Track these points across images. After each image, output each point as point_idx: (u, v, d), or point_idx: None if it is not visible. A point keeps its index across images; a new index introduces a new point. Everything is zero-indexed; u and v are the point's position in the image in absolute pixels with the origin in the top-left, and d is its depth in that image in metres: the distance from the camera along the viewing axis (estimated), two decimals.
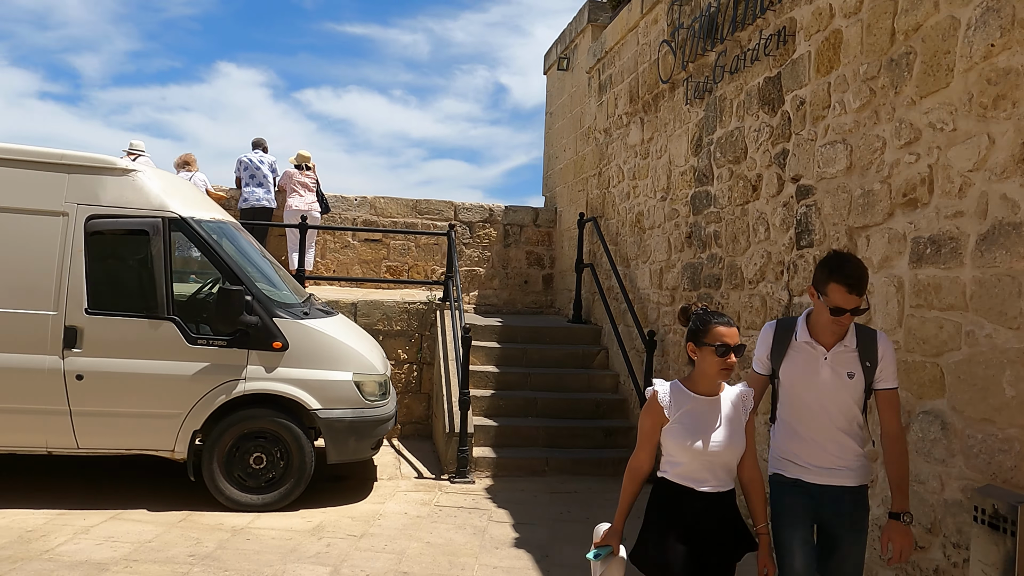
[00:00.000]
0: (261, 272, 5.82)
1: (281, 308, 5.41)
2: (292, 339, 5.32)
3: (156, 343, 5.11)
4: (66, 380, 4.99)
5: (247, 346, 5.23)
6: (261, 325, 5.23)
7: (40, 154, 5.11)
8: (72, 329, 5.00)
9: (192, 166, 9.50)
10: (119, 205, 5.14)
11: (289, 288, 6.02)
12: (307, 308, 5.71)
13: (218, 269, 5.30)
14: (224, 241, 5.47)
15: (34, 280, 4.97)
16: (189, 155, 9.56)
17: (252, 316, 5.20)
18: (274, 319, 5.29)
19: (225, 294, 5.08)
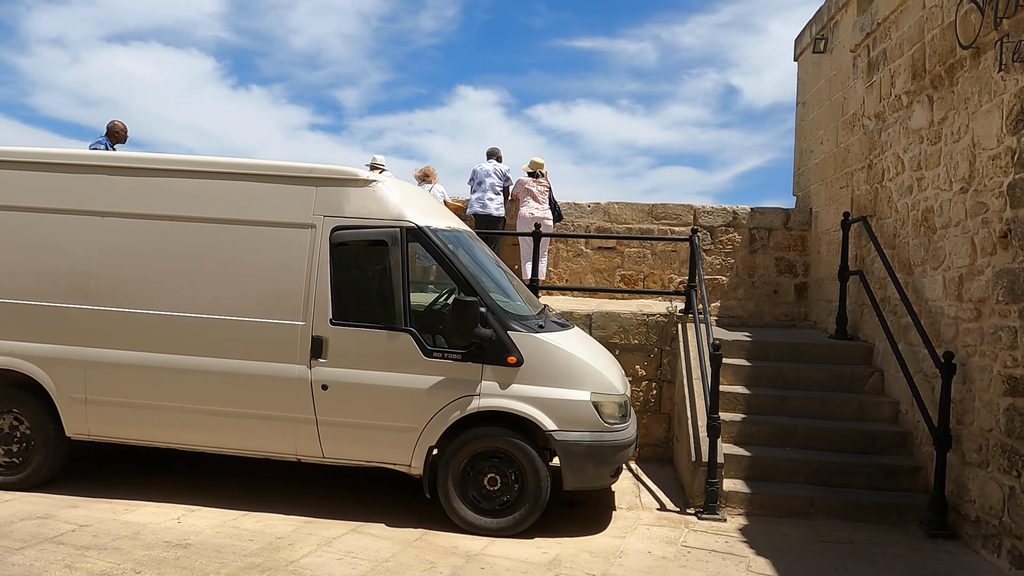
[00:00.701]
0: (496, 282, 5.57)
1: (516, 320, 5.10)
2: (527, 354, 4.98)
3: (394, 355, 5.02)
4: (313, 389, 5.06)
5: (482, 360, 4.97)
6: (496, 339, 4.95)
7: (291, 168, 5.26)
8: (318, 339, 5.06)
9: (432, 178, 9.70)
10: (360, 216, 5.14)
11: (523, 299, 5.72)
12: (542, 321, 5.36)
13: (453, 279, 5.11)
14: (459, 251, 5.29)
15: (285, 290, 5.11)
16: (429, 167, 9.78)
17: (487, 329, 4.94)
18: (509, 332, 4.99)
19: (460, 305, 4.86)
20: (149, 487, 5.53)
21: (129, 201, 5.33)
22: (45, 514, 4.88)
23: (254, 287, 5.15)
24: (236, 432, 5.17)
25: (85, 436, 5.35)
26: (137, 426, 5.28)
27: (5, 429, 5.41)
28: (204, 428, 5.20)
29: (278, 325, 5.10)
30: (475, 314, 4.86)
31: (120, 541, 4.48)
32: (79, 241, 5.32)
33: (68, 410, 5.28)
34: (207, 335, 5.15)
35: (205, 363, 5.14)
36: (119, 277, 5.26)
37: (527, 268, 9.03)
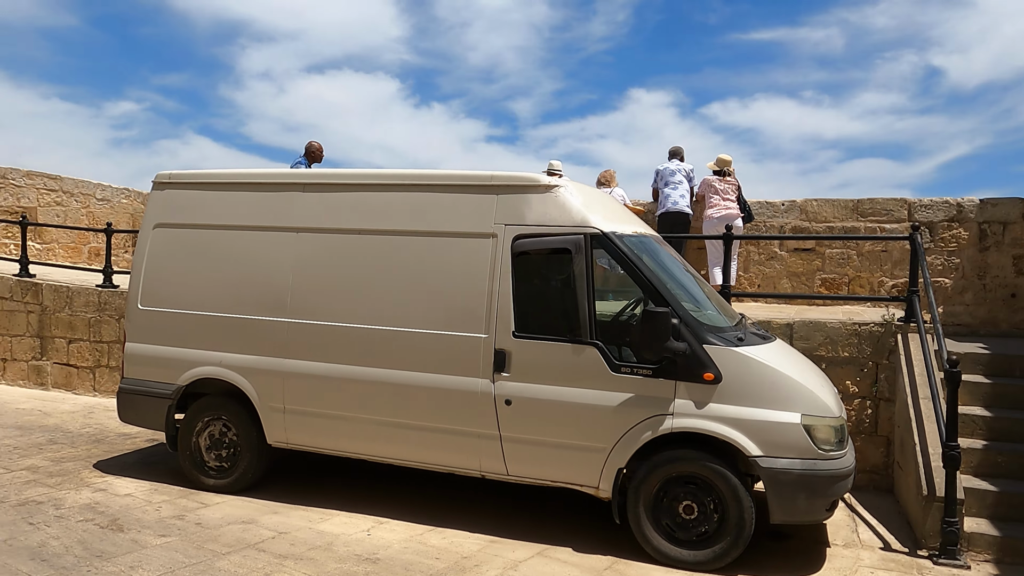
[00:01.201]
0: (687, 291, 5.14)
1: (712, 333, 4.63)
2: (725, 369, 4.50)
3: (579, 369, 4.74)
4: (496, 404, 4.89)
5: (674, 376, 4.56)
6: (690, 352, 4.52)
7: (471, 177, 5.15)
8: (501, 353, 4.89)
9: (612, 182, 9.36)
10: (542, 223, 4.91)
11: (717, 308, 5.22)
12: (741, 332, 4.84)
13: (641, 288, 4.74)
14: (647, 257, 4.91)
15: (467, 302, 4.99)
16: (609, 172, 9.45)
17: (679, 342, 4.52)
18: (704, 345, 4.53)
19: (650, 317, 4.48)
20: (343, 496, 5.64)
21: (319, 217, 5.47)
22: (249, 519, 5.08)
23: (437, 299, 5.08)
24: (421, 445, 5.13)
25: (284, 444, 5.55)
26: (328, 436, 5.39)
27: (216, 435, 5.74)
28: (390, 440, 5.20)
29: (461, 338, 4.99)
30: (667, 326, 4.46)
31: (314, 552, 4.55)
32: (276, 257, 5.53)
33: (268, 418, 5.51)
34: (391, 347, 5.15)
35: (389, 375, 5.14)
36: (311, 290, 5.41)
37: (715, 273, 8.44)
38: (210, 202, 5.84)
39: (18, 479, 5.77)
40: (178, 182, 6.00)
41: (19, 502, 5.23)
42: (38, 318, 9.73)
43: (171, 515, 5.10)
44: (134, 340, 5.97)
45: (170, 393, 5.77)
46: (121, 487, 5.69)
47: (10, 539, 4.54)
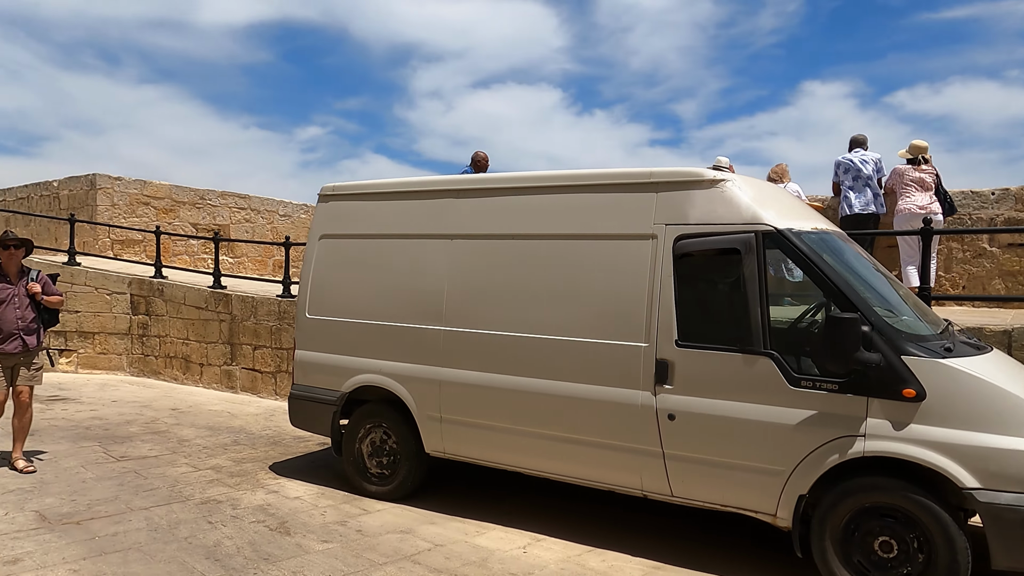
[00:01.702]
0: (878, 293, 4.50)
1: (911, 342, 3.99)
2: (930, 385, 3.85)
3: (751, 382, 4.26)
4: (658, 419, 4.52)
5: (866, 392, 3.97)
6: (884, 365, 3.91)
7: (628, 175, 4.82)
8: (663, 363, 4.51)
9: (784, 177, 8.63)
10: (707, 222, 4.48)
11: (916, 313, 4.53)
12: (948, 341, 4.14)
13: (823, 291, 4.18)
14: (829, 256, 4.34)
15: (625, 309, 4.66)
16: (781, 166, 8.73)
17: (872, 353, 3.92)
18: (902, 357, 3.91)
19: (835, 323, 3.93)
20: (499, 509, 5.49)
21: (472, 223, 5.37)
22: (407, 528, 5.05)
23: (593, 305, 4.79)
24: (577, 460, 4.85)
25: (441, 453, 5.49)
26: (483, 446, 5.26)
27: (377, 442, 5.80)
28: (545, 454, 4.97)
29: (619, 347, 4.67)
30: (856, 334, 3.88)
31: (469, 568, 4.40)
32: (432, 265, 5.50)
33: (426, 427, 5.47)
34: (545, 356, 4.93)
35: (543, 385, 4.92)
36: (464, 298, 5.31)
37: (909, 273, 7.49)
38: (369, 212, 5.93)
39: (203, 478, 6.14)
40: (340, 194, 6.15)
41: (202, 500, 5.54)
42: (228, 326, 10.52)
43: (334, 520, 5.18)
44: (303, 348, 6.18)
45: (335, 400, 5.90)
46: (292, 490, 5.89)
47: (191, 536, 4.78)
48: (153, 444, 7.29)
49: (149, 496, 5.60)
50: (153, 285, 11.57)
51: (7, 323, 6.12)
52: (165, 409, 9.15)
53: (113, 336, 11.83)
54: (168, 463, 6.59)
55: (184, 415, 8.80)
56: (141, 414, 8.78)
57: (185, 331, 11.09)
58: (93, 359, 11.84)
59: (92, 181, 13.57)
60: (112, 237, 13.68)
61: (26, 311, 6.22)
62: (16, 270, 6.27)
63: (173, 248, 13.84)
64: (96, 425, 8.08)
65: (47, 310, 6.40)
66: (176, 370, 11.21)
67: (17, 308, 6.18)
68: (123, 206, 13.66)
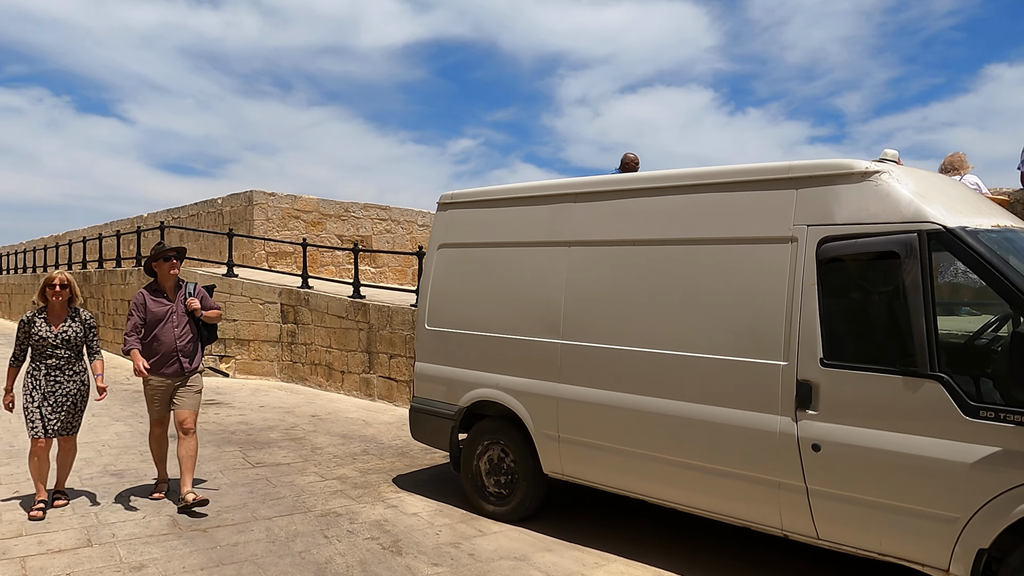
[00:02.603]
0: None
1: None
2: None
3: (915, 410, 3.59)
4: (800, 449, 3.93)
5: None
6: None
7: (762, 171, 4.25)
8: (805, 385, 3.92)
9: (961, 169, 7.55)
10: (857, 221, 3.85)
11: None
12: None
13: (1008, 301, 3.45)
14: (1015, 258, 3.58)
15: (760, 322, 4.11)
16: (957, 155, 7.65)
17: None
18: None
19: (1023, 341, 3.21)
20: (623, 539, 5.05)
21: (589, 229, 4.99)
22: (522, 555, 4.75)
23: (722, 318, 4.27)
24: (706, 491, 4.34)
25: (560, 475, 5.14)
26: (603, 469, 4.85)
27: (495, 460, 5.55)
28: (671, 481, 4.50)
29: (753, 365, 4.12)
30: None
31: None
32: (549, 274, 5.18)
33: (544, 446, 5.15)
34: (668, 374, 4.46)
35: (667, 406, 4.45)
36: (581, 310, 4.94)
37: None
38: (486, 220, 5.71)
39: (328, 488, 6.16)
40: (459, 202, 5.98)
41: (322, 512, 5.52)
42: (367, 335, 10.74)
43: (448, 541, 4.97)
44: (423, 359, 6.06)
45: (453, 414, 5.72)
46: (410, 505, 5.76)
47: (305, 551, 4.73)
48: (288, 451, 7.46)
49: (274, 505, 5.67)
50: (300, 295, 12.07)
51: (165, 344, 5.58)
52: (306, 415, 9.43)
53: (265, 343, 12.46)
54: (299, 471, 6.69)
55: (322, 422, 9.02)
56: (283, 420, 9.09)
57: (328, 339, 11.46)
58: (248, 365, 12.53)
59: (249, 198, 14.44)
60: (267, 250, 14.50)
61: (184, 329, 5.68)
62: (173, 284, 5.73)
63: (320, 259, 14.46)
64: (241, 430, 8.42)
65: (206, 326, 5.88)
66: (320, 377, 11.61)
67: (176, 327, 5.63)
68: (276, 220, 14.43)
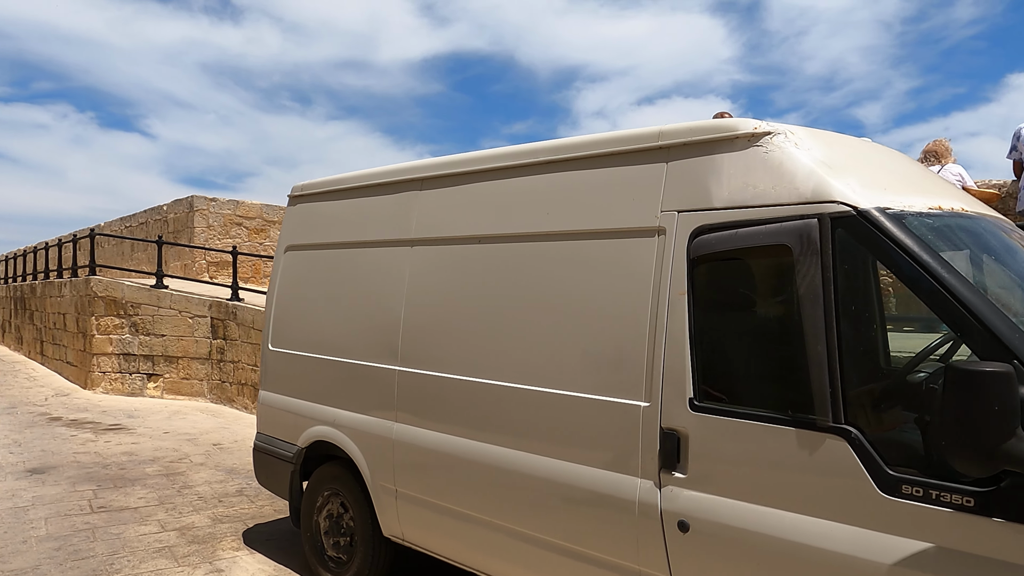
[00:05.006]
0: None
1: None
2: None
3: (811, 480, 2.42)
4: (664, 527, 2.76)
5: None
6: None
7: (628, 139, 3.10)
8: (672, 436, 2.76)
9: (944, 158, 6.38)
10: (741, 203, 2.70)
11: None
12: None
13: (943, 318, 2.27)
14: (956, 255, 2.42)
15: (617, 347, 2.96)
16: (940, 142, 6.48)
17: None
18: None
19: (965, 383, 2.00)
20: None
21: (435, 222, 3.87)
22: None
23: (578, 341, 3.12)
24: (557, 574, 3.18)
25: (400, 539, 4.00)
26: (441, 536, 3.70)
27: (334, 515, 4.42)
28: (517, 560, 3.34)
29: (609, 406, 2.97)
30: (1010, 402, 1.96)
31: None
32: (390, 281, 4.06)
33: (381, 502, 4.01)
34: (514, 415, 3.31)
35: (510, 458, 3.30)
36: (422, 328, 3.82)
37: None
38: (335, 214, 4.60)
39: (157, 543, 5.06)
40: (310, 193, 4.88)
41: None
42: None
43: None
44: (267, 387, 4.95)
45: (291, 456, 4.60)
46: (241, 570, 4.64)
47: None
48: (152, 490, 6.38)
49: (71, 570, 4.57)
50: (228, 308, 11.04)
51: None
52: (207, 444, 8.35)
53: (195, 361, 11.43)
54: (141, 519, 5.59)
55: (220, 452, 7.93)
56: (177, 450, 8.02)
57: (254, 357, 10.40)
58: (177, 384, 11.50)
59: (191, 203, 13.47)
60: (208, 259, 13.50)
61: None
62: None
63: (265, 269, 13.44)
64: (118, 463, 7.36)
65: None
66: (247, 398, 10.54)
67: None
68: (218, 227, 13.43)
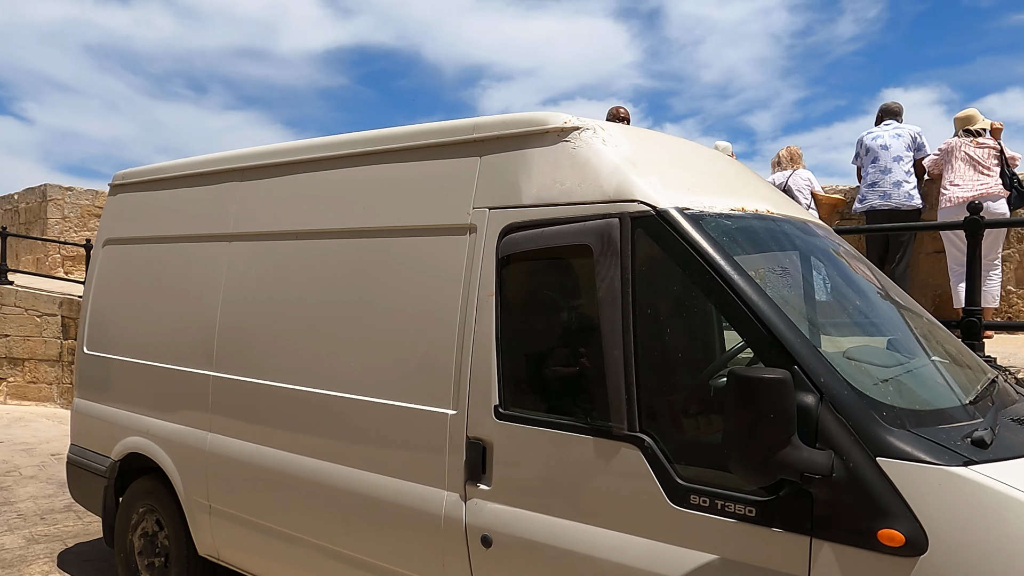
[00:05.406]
0: (867, 326, 2.53)
1: (901, 426, 1.99)
2: (933, 521, 1.85)
3: (609, 490, 2.33)
4: (468, 543, 2.62)
5: (806, 528, 1.99)
6: (842, 475, 1.94)
7: (445, 131, 2.94)
8: (477, 445, 2.61)
9: (796, 163, 6.57)
10: (548, 201, 2.58)
11: (942, 365, 2.52)
12: (984, 423, 2.11)
13: (730, 321, 2.22)
14: (759, 257, 2.39)
15: (427, 352, 2.79)
16: (793, 148, 6.67)
17: (819, 448, 1.96)
18: (879, 459, 1.92)
19: (746, 390, 1.93)
20: None
21: (254, 216, 3.59)
22: None
23: (392, 344, 2.93)
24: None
25: (216, 558, 3.70)
26: (254, 556, 3.44)
27: (149, 533, 4.07)
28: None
29: (419, 414, 2.80)
30: (784, 410, 1.90)
31: None
32: (207, 280, 3.75)
33: (195, 518, 3.70)
34: (327, 424, 3.10)
35: (324, 471, 3.09)
36: (238, 329, 3.54)
37: (960, 292, 5.33)
38: (157, 205, 4.24)
39: None
40: (132, 182, 4.48)
41: None
42: None
43: None
44: (81, 394, 4.52)
45: (105, 470, 4.21)
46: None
47: None
48: None
49: None
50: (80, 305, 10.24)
51: None
52: (44, 455, 7.67)
53: (43, 363, 10.55)
54: None
55: (56, 465, 7.29)
56: (8, 461, 7.34)
57: None
58: (22, 389, 10.58)
59: (44, 192, 12.45)
60: (63, 253, 12.52)
61: None
62: None
63: None
64: None
65: None
66: None
67: None
68: (74, 219, 12.47)
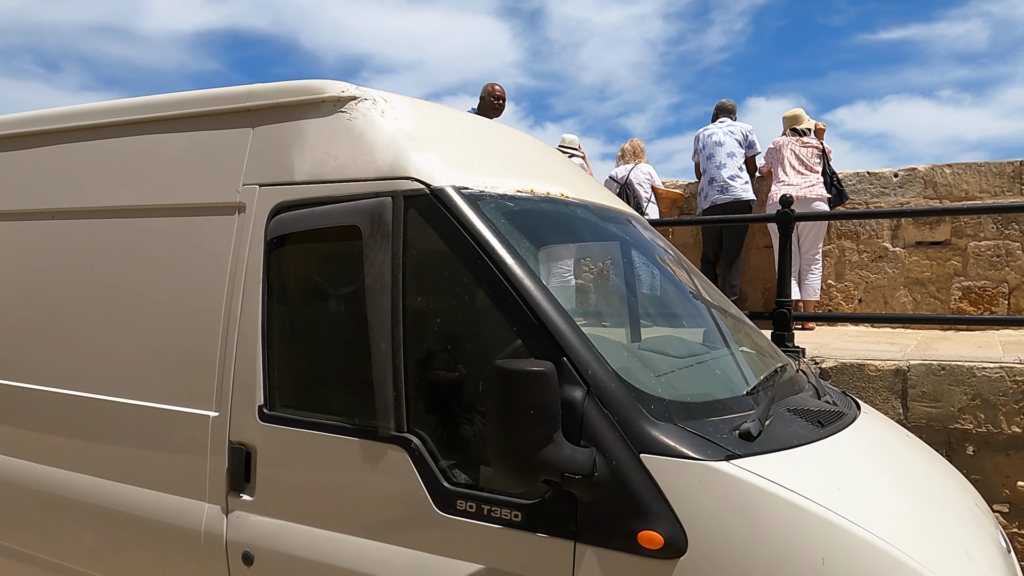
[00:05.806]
0: (663, 316, 2.43)
1: (669, 420, 1.88)
2: (694, 520, 1.74)
3: (378, 499, 2.11)
4: (229, 561, 2.32)
5: (570, 532, 1.84)
6: (604, 474, 1.80)
7: (218, 98, 2.61)
8: (240, 451, 2.32)
9: (638, 156, 6.62)
10: (320, 177, 2.32)
11: (740, 357, 2.47)
12: (755, 413, 2.04)
13: (499, 309, 2.05)
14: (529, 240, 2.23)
15: (188, 347, 2.47)
16: (636, 142, 6.71)
17: (581, 446, 1.81)
18: (643, 455, 1.80)
19: (499, 379, 1.75)
20: None
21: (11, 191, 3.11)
22: None
23: (152, 338, 2.58)
24: None
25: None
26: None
27: None
28: None
29: (175, 417, 2.47)
30: (547, 407, 1.74)
31: None
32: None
33: None
34: (76, 431, 2.71)
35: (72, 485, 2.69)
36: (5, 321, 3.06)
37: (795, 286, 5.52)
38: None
39: None
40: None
41: None
42: None
43: None
44: None
45: None
46: None
47: None
48: None
49: None
50: None
51: None
52: None
53: None
54: None
55: None
56: None
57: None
58: None
59: None
60: None
61: None
62: None
63: None
64: None
65: None
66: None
67: None
68: None
